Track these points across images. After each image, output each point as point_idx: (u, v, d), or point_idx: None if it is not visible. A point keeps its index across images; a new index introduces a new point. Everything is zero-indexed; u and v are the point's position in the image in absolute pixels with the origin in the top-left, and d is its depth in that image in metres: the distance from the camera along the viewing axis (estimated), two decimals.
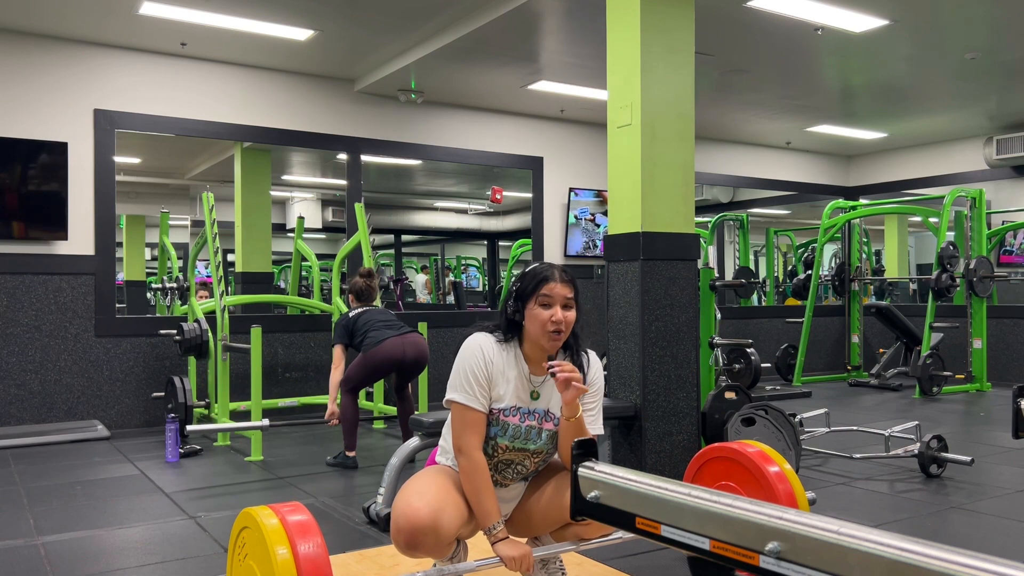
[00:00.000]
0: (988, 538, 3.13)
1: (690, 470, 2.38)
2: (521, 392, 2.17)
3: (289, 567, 1.51)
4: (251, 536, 1.63)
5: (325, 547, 1.58)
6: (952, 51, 5.99)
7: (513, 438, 2.17)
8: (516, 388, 2.16)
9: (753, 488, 2.17)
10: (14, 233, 5.44)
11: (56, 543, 3.10)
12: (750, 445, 2.24)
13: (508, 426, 2.16)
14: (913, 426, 4.45)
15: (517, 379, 2.16)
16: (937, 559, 1.34)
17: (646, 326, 3.89)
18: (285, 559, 1.52)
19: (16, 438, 5.05)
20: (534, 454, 2.22)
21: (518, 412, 2.16)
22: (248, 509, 1.66)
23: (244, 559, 1.67)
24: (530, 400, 2.19)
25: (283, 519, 1.59)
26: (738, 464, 2.22)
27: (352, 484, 4.08)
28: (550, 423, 2.20)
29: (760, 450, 2.21)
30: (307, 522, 1.60)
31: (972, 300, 7.57)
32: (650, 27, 3.94)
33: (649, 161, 3.92)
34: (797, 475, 3.85)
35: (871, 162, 9.86)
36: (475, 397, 2.11)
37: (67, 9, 5.14)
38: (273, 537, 1.55)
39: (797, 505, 2.11)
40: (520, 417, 2.16)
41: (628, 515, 1.93)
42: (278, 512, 1.61)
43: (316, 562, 1.54)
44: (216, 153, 8.40)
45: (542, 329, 2.11)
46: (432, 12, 5.24)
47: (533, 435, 2.19)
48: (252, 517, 1.63)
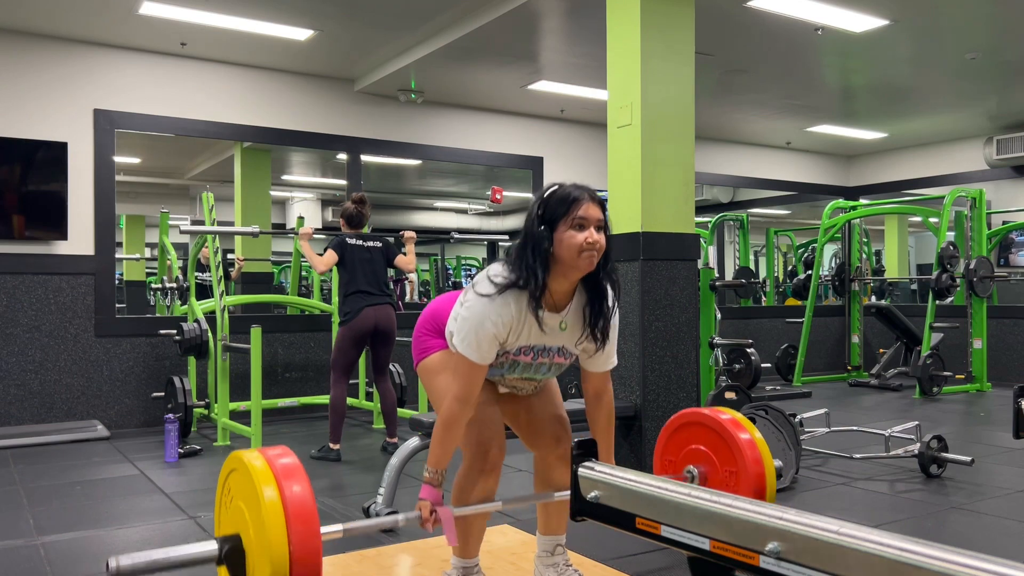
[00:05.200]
0: (988, 538, 3.13)
1: (663, 435, 2.39)
2: (538, 332, 2.08)
3: (276, 507, 1.54)
4: (239, 479, 1.66)
5: (311, 489, 1.61)
6: (952, 51, 5.99)
7: (523, 372, 2.17)
8: (534, 330, 2.07)
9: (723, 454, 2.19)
10: (14, 233, 5.44)
11: (56, 543, 3.10)
12: (723, 412, 2.25)
13: (519, 364, 2.14)
14: (913, 426, 4.45)
15: (534, 322, 2.06)
16: (937, 559, 1.34)
17: (646, 326, 3.89)
18: (273, 499, 1.55)
19: (16, 438, 5.05)
20: (540, 382, 2.25)
21: (532, 351, 2.11)
22: (236, 452, 1.69)
23: (231, 501, 1.69)
24: (548, 337, 2.09)
25: (270, 461, 1.62)
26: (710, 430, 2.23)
27: (351, 484, 4.08)
28: (561, 357, 2.16)
29: (733, 417, 2.22)
30: (294, 465, 1.63)
31: (972, 300, 7.57)
32: (650, 27, 3.94)
33: (649, 161, 3.92)
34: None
35: (871, 162, 9.86)
36: (485, 356, 2.04)
37: (67, 9, 5.14)
38: (261, 478, 1.58)
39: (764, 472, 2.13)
40: (533, 355, 2.12)
41: (628, 515, 1.93)
42: (265, 455, 1.64)
43: (303, 502, 1.57)
44: (216, 153, 8.41)
45: (577, 252, 1.97)
46: (432, 12, 5.24)
47: (543, 369, 2.18)
48: (240, 460, 1.66)
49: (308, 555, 1.54)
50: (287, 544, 1.52)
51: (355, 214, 4.87)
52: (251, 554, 1.60)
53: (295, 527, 1.53)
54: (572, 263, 1.99)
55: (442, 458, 2.06)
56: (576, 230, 1.98)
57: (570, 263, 1.99)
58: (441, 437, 2.05)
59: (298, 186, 11.14)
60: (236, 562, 1.64)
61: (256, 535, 1.57)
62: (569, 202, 1.99)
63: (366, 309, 4.63)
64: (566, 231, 1.98)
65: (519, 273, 2.00)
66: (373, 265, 4.73)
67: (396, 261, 4.85)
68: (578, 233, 1.97)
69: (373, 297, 4.67)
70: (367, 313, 4.63)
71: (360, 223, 4.90)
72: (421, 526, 1.97)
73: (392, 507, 3.24)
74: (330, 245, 4.76)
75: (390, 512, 3.21)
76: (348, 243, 4.71)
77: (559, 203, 2.00)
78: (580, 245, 1.97)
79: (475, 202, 12.48)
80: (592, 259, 2.00)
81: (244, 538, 1.63)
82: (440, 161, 7.43)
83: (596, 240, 1.98)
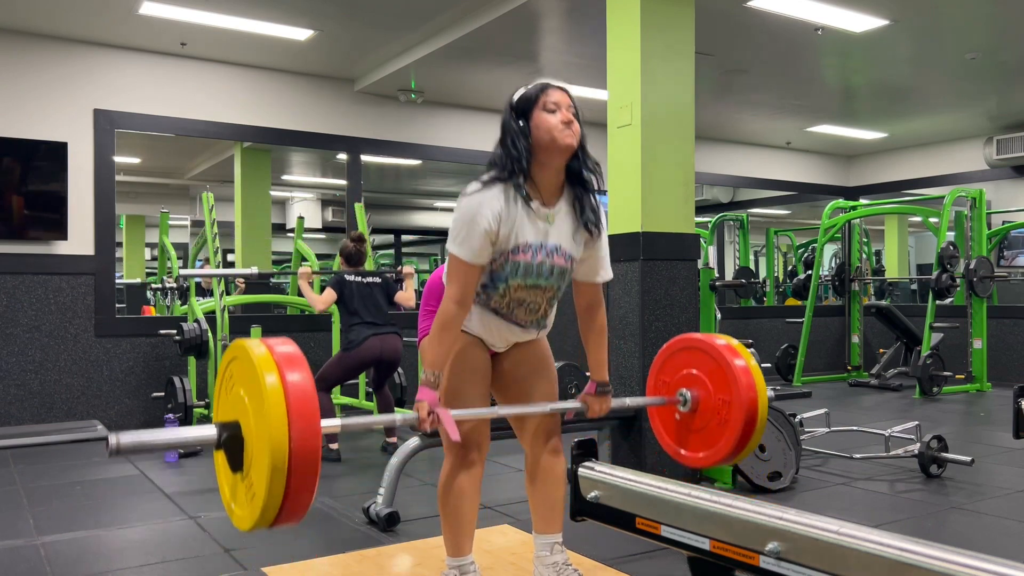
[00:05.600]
0: (988, 538, 3.13)
1: (659, 357, 2.40)
2: (532, 226, 2.12)
3: (277, 393, 1.54)
4: (240, 367, 1.67)
5: (312, 377, 1.62)
6: (952, 51, 5.99)
7: (525, 275, 2.15)
8: (525, 225, 2.11)
9: (717, 379, 2.20)
10: (14, 233, 5.44)
11: (56, 543, 3.10)
12: (720, 337, 2.26)
13: (519, 265, 2.13)
14: (913, 426, 4.45)
15: (525, 215, 2.11)
16: (937, 559, 1.34)
17: (646, 326, 3.89)
18: (274, 386, 1.55)
19: (16, 438, 5.05)
20: (545, 290, 2.21)
21: (530, 249, 2.13)
22: (238, 340, 1.70)
23: (232, 389, 1.70)
24: (542, 231, 2.14)
25: (272, 349, 1.63)
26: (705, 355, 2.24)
27: (351, 484, 4.07)
28: (561, 258, 2.18)
29: (729, 343, 2.23)
30: (295, 353, 1.64)
31: (972, 300, 7.57)
32: (650, 27, 3.94)
33: (649, 161, 3.92)
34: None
35: (871, 162, 9.86)
36: (478, 254, 2.06)
37: (67, 9, 5.14)
38: (262, 365, 1.58)
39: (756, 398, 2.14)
40: (532, 254, 2.13)
41: (628, 515, 1.93)
42: (267, 343, 1.65)
43: (303, 389, 1.57)
44: (216, 153, 8.42)
45: (556, 133, 2.06)
46: (432, 12, 5.24)
47: (545, 271, 2.17)
48: (242, 347, 1.66)
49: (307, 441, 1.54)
50: (287, 429, 1.52)
51: (354, 252, 4.88)
52: (250, 440, 1.61)
53: (296, 413, 1.53)
54: (552, 145, 2.08)
55: (438, 359, 2.07)
56: (549, 113, 2.08)
57: (550, 145, 2.08)
58: (437, 338, 2.07)
59: (298, 186, 11.15)
60: (234, 447, 1.65)
61: (256, 421, 1.57)
62: (538, 91, 2.11)
63: (371, 339, 4.57)
64: (540, 115, 2.08)
65: (503, 164, 2.10)
66: (374, 299, 4.73)
67: (396, 297, 4.84)
68: (551, 115, 2.08)
69: (378, 327, 4.63)
70: (372, 343, 4.57)
71: (359, 261, 4.90)
72: (419, 427, 1.96)
73: (392, 507, 3.24)
74: (328, 284, 4.74)
75: (390, 512, 3.21)
76: (347, 280, 4.71)
77: (529, 95, 2.12)
78: (556, 125, 2.07)
79: None
80: (572, 137, 2.09)
81: (243, 424, 1.63)
82: (440, 161, 7.43)
83: (571, 119, 2.09)
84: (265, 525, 1.58)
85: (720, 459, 2.22)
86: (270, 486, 1.52)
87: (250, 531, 1.63)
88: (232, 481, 1.69)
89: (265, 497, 1.53)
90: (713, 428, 2.21)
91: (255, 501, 1.57)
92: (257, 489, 1.56)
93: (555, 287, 2.22)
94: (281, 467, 1.52)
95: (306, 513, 1.62)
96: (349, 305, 4.66)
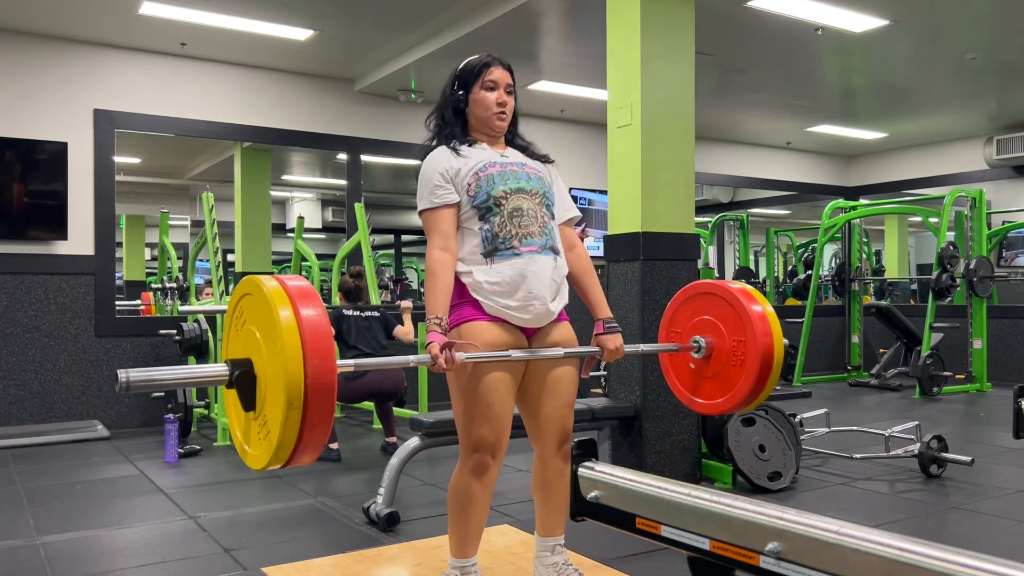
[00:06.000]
0: (988, 538, 3.13)
1: (671, 307, 2.40)
2: (488, 153, 2.24)
3: (292, 327, 1.51)
4: (251, 302, 1.63)
5: (326, 312, 1.60)
6: (952, 51, 5.99)
7: (503, 181, 2.20)
8: (481, 154, 2.23)
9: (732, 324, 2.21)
10: (14, 233, 5.44)
11: (56, 543, 3.10)
12: (734, 282, 2.26)
13: (493, 176, 2.19)
14: (913, 426, 4.45)
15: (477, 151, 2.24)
16: (937, 559, 1.34)
17: (646, 326, 3.89)
18: (288, 321, 1.52)
19: (16, 438, 5.05)
20: (532, 195, 2.23)
21: (496, 164, 2.21)
22: (249, 276, 1.67)
23: (243, 326, 1.66)
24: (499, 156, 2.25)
25: (284, 284, 1.60)
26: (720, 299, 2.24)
27: (351, 484, 4.07)
28: (531, 169, 2.27)
29: (744, 288, 2.23)
30: (308, 288, 1.61)
31: (972, 300, 7.57)
32: (650, 27, 3.94)
33: (649, 161, 3.92)
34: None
35: (871, 162, 9.86)
36: (441, 197, 2.16)
37: (67, 9, 5.14)
38: (276, 299, 1.55)
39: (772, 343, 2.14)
40: (500, 167, 2.21)
41: (628, 515, 1.93)
42: (279, 278, 1.62)
43: (318, 324, 1.54)
44: (216, 153, 8.41)
45: (489, 112, 2.21)
46: (432, 12, 5.24)
47: (522, 176, 2.23)
48: (254, 283, 1.63)
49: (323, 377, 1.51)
50: (303, 365, 1.49)
51: (353, 289, 4.91)
52: (263, 376, 1.58)
53: (311, 349, 1.50)
54: (486, 122, 2.23)
55: (437, 304, 2.09)
56: (487, 91, 2.22)
57: (484, 122, 2.23)
58: (431, 285, 2.13)
59: (298, 186, 11.13)
60: (247, 385, 1.62)
61: (269, 357, 1.54)
62: (480, 66, 2.23)
63: (371, 372, 4.55)
64: (479, 92, 2.22)
65: (438, 131, 2.27)
66: (373, 332, 4.75)
67: (395, 332, 4.85)
68: (489, 94, 2.22)
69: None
70: (371, 377, 4.56)
71: (358, 297, 4.92)
72: (432, 367, 1.96)
73: (392, 507, 3.24)
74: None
75: (390, 512, 3.21)
76: (345, 315, 4.73)
77: (471, 69, 2.24)
78: (491, 104, 2.21)
79: None
80: (503, 118, 2.24)
81: (256, 361, 1.60)
82: None
83: (506, 101, 2.23)
84: (279, 464, 1.56)
85: (736, 404, 2.21)
86: (285, 423, 1.49)
87: (263, 469, 1.61)
88: (244, 420, 1.65)
89: (280, 435, 1.50)
90: (729, 373, 2.21)
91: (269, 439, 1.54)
92: (272, 427, 1.53)
93: (540, 192, 2.25)
94: (297, 404, 1.48)
95: (321, 451, 1.60)
96: (347, 339, 4.67)
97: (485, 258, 2.17)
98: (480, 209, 2.17)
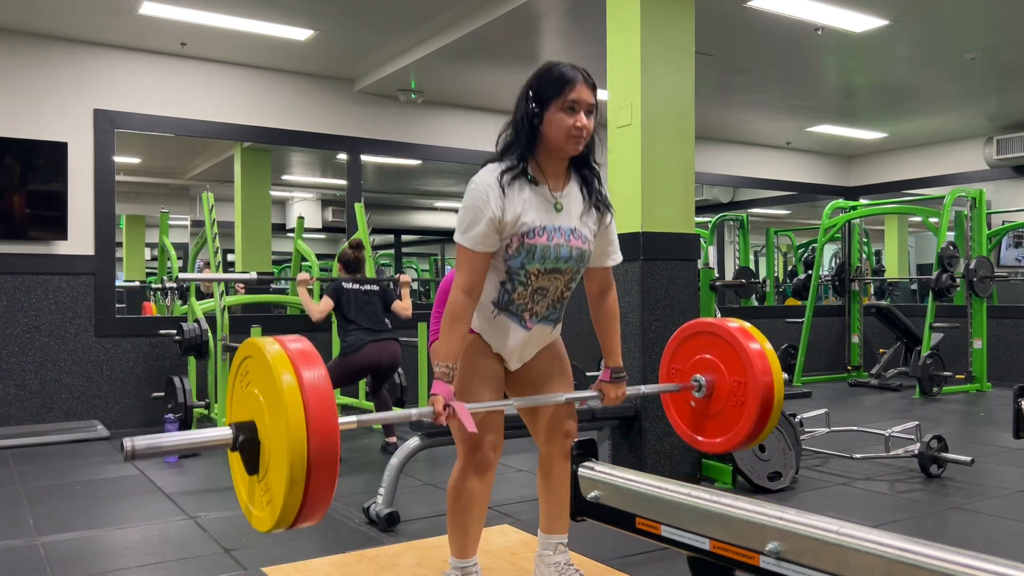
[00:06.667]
0: (988, 538, 3.13)
1: (671, 345, 2.39)
2: (542, 210, 2.08)
3: (294, 391, 1.51)
4: (254, 365, 1.64)
5: (328, 374, 1.59)
6: (952, 51, 5.99)
7: (543, 259, 2.10)
8: (536, 207, 2.07)
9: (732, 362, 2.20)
10: (14, 233, 5.44)
11: (56, 543, 3.10)
12: (732, 321, 2.26)
13: (536, 248, 2.08)
14: (913, 426, 4.45)
15: (534, 198, 2.07)
16: (937, 559, 1.34)
17: (646, 326, 3.89)
18: (291, 384, 1.52)
19: (16, 438, 5.05)
20: (564, 274, 2.16)
21: (544, 231, 2.08)
22: (251, 339, 1.67)
23: (247, 387, 1.66)
24: (553, 214, 2.10)
25: (285, 347, 1.60)
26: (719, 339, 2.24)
27: (351, 484, 4.07)
28: (578, 240, 2.14)
29: (742, 327, 2.23)
30: (309, 350, 1.61)
31: (972, 300, 7.57)
32: (650, 27, 3.94)
33: (649, 161, 3.92)
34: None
35: (871, 162, 9.86)
36: (483, 244, 2.03)
37: (67, 9, 5.14)
38: (278, 364, 1.55)
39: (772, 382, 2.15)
40: (548, 236, 2.08)
41: (628, 515, 1.93)
42: (280, 341, 1.62)
43: (320, 388, 1.54)
44: (216, 153, 8.41)
45: (565, 135, 2.02)
46: (432, 12, 5.24)
47: (564, 254, 2.12)
48: (256, 345, 1.63)
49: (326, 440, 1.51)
50: (305, 428, 1.49)
51: (352, 260, 4.91)
52: (266, 442, 1.58)
53: (313, 411, 1.50)
54: (559, 145, 2.04)
55: (450, 350, 2.03)
56: (567, 113, 2.01)
57: (557, 145, 2.04)
58: (448, 329, 2.04)
59: (298, 186, 11.14)
60: (250, 449, 1.62)
61: (272, 422, 1.55)
62: (563, 83, 2.01)
63: (369, 345, 4.59)
64: (557, 112, 2.01)
65: (509, 147, 2.07)
66: (372, 306, 4.74)
67: (393, 307, 4.86)
68: (568, 117, 2.01)
69: (376, 333, 4.66)
70: (370, 349, 4.59)
71: (358, 268, 4.92)
72: (434, 421, 1.93)
73: (392, 507, 3.24)
74: (326, 291, 4.77)
75: (390, 512, 3.21)
76: (344, 288, 4.73)
77: (553, 83, 2.02)
78: (569, 129, 2.01)
79: None
80: (579, 143, 2.04)
81: (259, 424, 1.60)
82: (440, 161, 7.43)
83: (585, 125, 2.02)
84: (285, 527, 1.56)
85: (738, 443, 2.21)
86: (289, 489, 1.49)
87: (269, 532, 1.61)
88: (249, 483, 1.66)
89: (284, 499, 1.51)
90: (729, 412, 2.21)
91: (274, 504, 1.55)
92: (275, 492, 1.54)
93: (574, 270, 2.18)
94: (300, 470, 1.49)
95: (326, 513, 1.60)
96: (347, 313, 4.67)
97: (494, 306, 2.17)
98: (510, 271, 2.13)
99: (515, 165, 2.05)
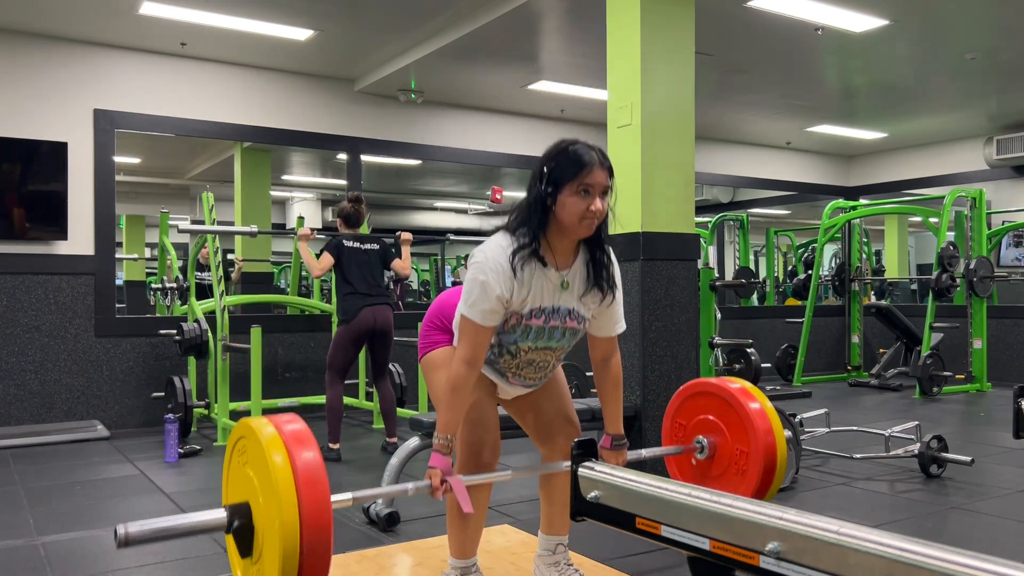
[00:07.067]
0: (988, 538, 3.13)
1: (673, 403, 2.40)
2: (548, 291, 2.07)
3: (286, 473, 1.52)
4: (248, 445, 1.65)
5: (321, 455, 1.60)
6: (952, 51, 5.99)
7: (536, 339, 2.11)
8: (540, 290, 2.06)
9: (733, 423, 2.21)
10: (14, 233, 5.44)
11: (56, 543, 3.10)
12: (734, 381, 2.27)
13: (531, 329, 2.09)
14: (913, 426, 4.45)
15: (542, 280, 2.05)
16: (937, 559, 1.34)
17: (646, 326, 3.89)
18: (283, 466, 1.53)
19: (16, 438, 5.05)
20: (556, 351, 2.18)
21: (543, 314, 2.08)
22: (245, 419, 1.68)
23: (242, 466, 1.67)
24: (558, 293, 2.08)
25: (279, 428, 1.60)
26: (720, 399, 2.25)
27: (351, 484, 4.07)
28: (574, 321, 2.13)
29: (743, 387, 2.23)
30: (303, 432, 1.61)
31: (972, 300, 7.57)
32: (650, 27, 3.94)
33: (649, 161, 3.92)
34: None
35: (871, 162, 9.86)
36: (489, 319, 2.01)
37: (67, 9, 5.14)
38: (270, 444, 1.56)
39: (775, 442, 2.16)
40: (544, 319, 2.09)
41: (628, 515, 1.93)
42: (274, 421, 1.63)
43: (313, 468, 1.55)
44: (216, 153, 8.41)
45: (577, 219, 1.98)
46: (432, 12, 5.24)
47: (557, 335, 2.13)
48: (249, 426, 1.64)
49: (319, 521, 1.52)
50: (298, 510, 1.50)
51: (352, 213, 4.92)
52: (260, 526, 1.59)
53: (305, 493, 1.51)
54: (571, 227, 2.01)
55: (450, 423, 2.02)
56: (580, 196, 1.98)
57: (569, 227, 2.01)
58: (449, 401, 2.02)
59: (298, 186, 11.14)
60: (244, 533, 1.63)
61: (265, 502, 1.55)
62: (579, 166, 1.98)
63: (365, 310, 4.65)
64: (570, 196, 1.98)
65: (519, 225, 2.03)
66: (371, 267, 4.76)
67: (392, 265, 4.89)
68: (582, 201, 1.98)
69: (371, 298, 4.70)
70: (366, 314, 4.65)
71: (357, 222, 4.94)
72: (431, 495, 1.92)
73: (392, 507, 3.24)
74: (326, 248, 4.78)
75: (390, 512, 3.21)
76: (345, 245, 4.74)
77: (568, 164, 1.99)
78: (582, 213, 1.98)
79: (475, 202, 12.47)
80: (591, 226, 2.02)
81: (253, 506, 1.61)
82: (440, 161, 7.43)
83: (598, 209, 1.99)
84: None
85: None
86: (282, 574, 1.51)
87: None
88: (243, 565, 1.67)
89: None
90: (731, 477, 2.22)
91: None
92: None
93: (566, 347, 2.20)
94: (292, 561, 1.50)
95: None
96: (346, 272, 4.70)
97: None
98: (502, 343, 2.13)
99: (527, 245, 2.01)
